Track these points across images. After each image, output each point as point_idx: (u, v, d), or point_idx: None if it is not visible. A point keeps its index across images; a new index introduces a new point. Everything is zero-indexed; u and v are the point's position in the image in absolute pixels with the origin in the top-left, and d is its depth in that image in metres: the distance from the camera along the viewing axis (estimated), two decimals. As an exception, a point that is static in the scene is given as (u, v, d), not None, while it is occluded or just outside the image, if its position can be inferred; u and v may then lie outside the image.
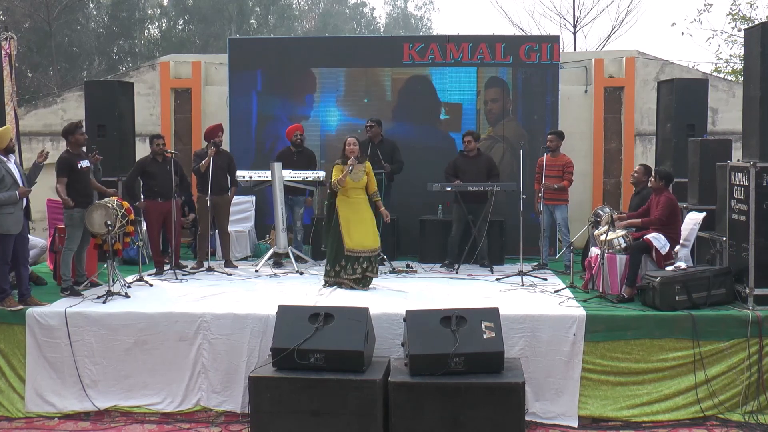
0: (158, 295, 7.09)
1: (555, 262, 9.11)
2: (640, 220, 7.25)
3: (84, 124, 8.33)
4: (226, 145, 9.81)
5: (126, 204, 7.29)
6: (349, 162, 7.43)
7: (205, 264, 8.54)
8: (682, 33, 41.11)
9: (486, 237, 8.71)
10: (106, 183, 7.96)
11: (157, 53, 25.07)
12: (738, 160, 6.89)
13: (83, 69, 26.38)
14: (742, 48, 8.14)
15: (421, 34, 36.40)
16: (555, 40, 10.43)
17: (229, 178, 8.84)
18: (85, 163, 7.21)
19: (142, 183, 8.48)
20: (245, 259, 9.60)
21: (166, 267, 8.32)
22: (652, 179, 7.33)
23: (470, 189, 8.69)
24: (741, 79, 14.57)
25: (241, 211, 10.13)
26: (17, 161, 6.89)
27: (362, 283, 7.47)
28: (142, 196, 8.43)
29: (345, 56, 10.42)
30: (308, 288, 7.45)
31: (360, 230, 7.49)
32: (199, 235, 8.88)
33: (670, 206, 7.07)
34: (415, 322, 5.69)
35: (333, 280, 7.50)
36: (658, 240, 6.98)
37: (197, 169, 8.54)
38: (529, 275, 7.96)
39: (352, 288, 7.39)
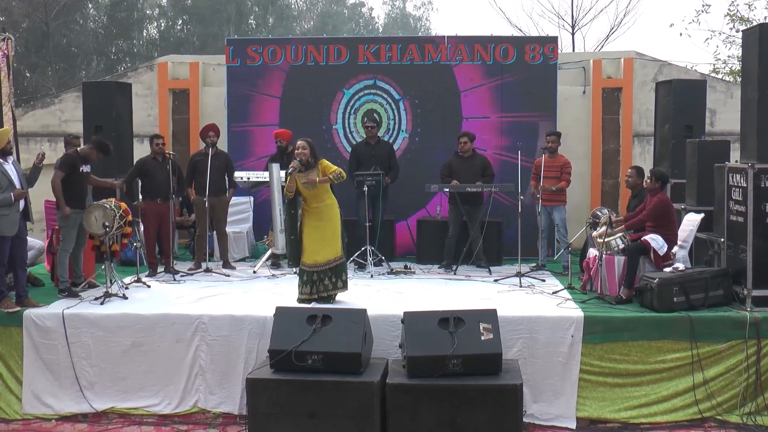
0: (156, 297, 7.08)
1: (553, 263, 9.08)
2: (624, 224, 7.23)
3: (83, 129, 8.34)
4: (224, 147, 9.79)
5: (123, 205, 7.28)
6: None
7: (203, 265, 8.53)
8: (681, 34, 41.18)
9: (481, 238, 8.68)
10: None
11: (155, 53, 25.04)
12: (736, 162, 6.89)
13: (81, 69, 26.35)
14: (740, 49, 8.14)
15: (419, 34, 36.37)
16: (553, 40, 10.42)
17: (227, 179, 8.84)
18: (86, 168, 7.24)
19: (140, 183, 8.45)
20: (243, 260, 9.58)
21: (160, 270, 8.30)
22: (647, 180, 7.31)
23: (468, 190, 8.67)
24: (739, 80, 14.55)
25: (239, 212, 10.11)
26: (15, 162, 6.88)
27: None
28: (140, 196, 8.41)
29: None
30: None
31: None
32: (197, 236, 8.87)
33: (659, 207, 7.03)
34: (412, 323, 5.68)
35: None
36: (655, 241, 6.97)
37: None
38: (527, 276, 7.95)
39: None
